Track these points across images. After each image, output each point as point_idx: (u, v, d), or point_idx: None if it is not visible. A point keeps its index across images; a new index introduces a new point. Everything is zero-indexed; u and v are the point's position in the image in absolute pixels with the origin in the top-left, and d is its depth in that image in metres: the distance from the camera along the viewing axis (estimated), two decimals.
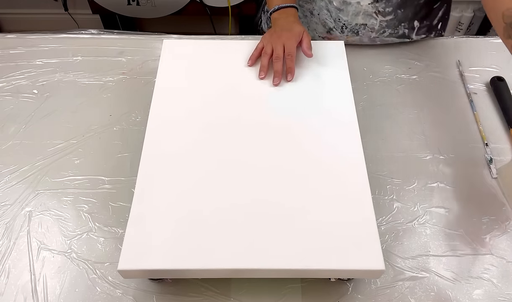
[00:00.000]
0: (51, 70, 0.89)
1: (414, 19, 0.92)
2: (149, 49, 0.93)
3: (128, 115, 0.81)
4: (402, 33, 0.92)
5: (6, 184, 0.72)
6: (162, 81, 0.74)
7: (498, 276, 0.63)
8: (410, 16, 0.89)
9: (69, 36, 0.96)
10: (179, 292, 0.61)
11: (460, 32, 2.16)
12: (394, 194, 0.72)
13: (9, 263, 0.63)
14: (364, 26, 0.90)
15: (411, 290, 0.62)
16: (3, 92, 0.85)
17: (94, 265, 0.63)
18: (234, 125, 0.68)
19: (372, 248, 0.55)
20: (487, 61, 0.92)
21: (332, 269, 0.55)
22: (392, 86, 0.88)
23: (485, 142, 0.78)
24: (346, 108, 0.71)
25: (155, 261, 0.54)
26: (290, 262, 0.54)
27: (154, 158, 0.64)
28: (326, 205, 0.59)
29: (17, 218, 0.68)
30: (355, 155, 0.65)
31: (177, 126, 0.68)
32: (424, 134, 0.80)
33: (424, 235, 0.67)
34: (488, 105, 0.85)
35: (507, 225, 0.69)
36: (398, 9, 0.89)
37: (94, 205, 0.69)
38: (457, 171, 0.75)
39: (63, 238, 0.66)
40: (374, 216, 0.58)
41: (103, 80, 0.87)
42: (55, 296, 0.61)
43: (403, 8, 0.89)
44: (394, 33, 0.92)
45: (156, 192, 0.60)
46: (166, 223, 0.57)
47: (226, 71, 0.76)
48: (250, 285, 0.62)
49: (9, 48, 0.93)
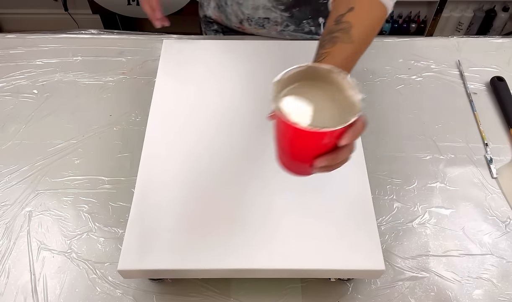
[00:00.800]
0: (51, 70, 0.89)
1: (318, 16, 0.90)
2: (149, 49, 0.93)
3: (128, 115, 0.81)
4: (309, 30, 0.93)
5: (6, 184, 0.72)
6: (162, 81, 0.74)
7: (498, 276, 0.63)
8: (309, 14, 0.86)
9: (69, 36, 0.96)
10: (179, 292, 0.61)
11: (460, 32, 2.16)
12: (394, 194, 0.72)
13: (9, 263, 0.63)
14: (268, 20, 0.90)
15: (411, 290, 0.62)
16: (3, 92, 0.85)
17: (94, 265, 0.63)
18: (234, 125, 0.68)
19: (372, 248, 0.55)
20: (487, 61, 0.92)
21: (332, 269, 0.55)
22: (392, 86, 0.88)
23: (485, 142, 0.78)
24: None
25: (155, 261, 0.54)
26: (290, 262, 0.54)
27: (154, 158, 0.64)
28: (326, 205, 0.59)
29: (17, 218, 0.68)
30: (355, 155, 0.64)
31: (177, 126, 0.68)
32: (424, 134, 0.80)
33: (424, 235, 0.67)
34: (488, 105, 0.85)
35: (507, 225, 0.69)
36: (292, 8, 0.88)
37: (94, 205, 0.69)
38: (457, 171, 0.75)
39: (63, 238, 0.66)
40: (374, 216, 0.58)
41: (103, 80, 0.87)
42: (55, 296, 0.61)
43: (297, 7, 0.88)
44: (299, 29, 0.92)
45: (156, 192, 0.60)
46: (166, 223, 0.57)
47: (226, 71, 0.76)
48: (250, 285, 0.62)
49: (9, 48, 0.93)
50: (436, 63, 0.92)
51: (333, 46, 0.57)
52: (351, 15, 0.60)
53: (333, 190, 0.61)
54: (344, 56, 0.56)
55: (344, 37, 0.58)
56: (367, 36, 0.61)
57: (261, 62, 0.78)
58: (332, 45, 0.57)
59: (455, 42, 0.97)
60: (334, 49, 0.57)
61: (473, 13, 2.09)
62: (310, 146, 0.46)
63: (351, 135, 0.45)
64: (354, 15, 0.60)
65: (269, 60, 0.78)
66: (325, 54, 0.56)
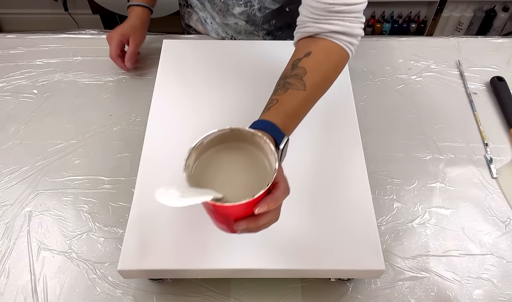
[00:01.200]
0: (51, 70, 0.89)
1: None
2: (149, 49, 0.93)
3: (128, 115, 0.81)
4: None
5: (6, 184, 0.72)
6: (162, 81, 0.74)
7: (498, 276, 0.63)
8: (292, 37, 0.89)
9: (69, 36, 0.96)
10: (179, 292, 0.61)
11: (460, 32, 2.16)
12: (394, 194, 0.72)
13: (9, 263, 0.63)
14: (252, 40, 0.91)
15: (411, 290, 0.62)
16: (3, 92, 0.85)
17: (94, 265, 0.63)
18: (234, 124, 0.68)
19: (372, 248, 0.55)
20: (487, 61, 0.92)
21: (332, 269, 0.55)
22: (392, 86, 0.88)
23: (485, 142, 0.78)
24: (346, 109, 0.71)
25: (155, 261, 0.54)
26: (290, 262, 0.54)
27: (154, 158, 0.64)
28: (326, 205, 0.59)
29: (17, 218, 0.68)
30: (355, 155, 0.65)
31: (177, 126, 0.68)
32: (424, 134, 0.80)
33: (424, 235, 0.67)
34: (488, 105, 0.85)
35: (507, 225, 0.69)
36: (275, 31, 0.89)
37: (94, 205, 0.69)
38: (457, 171, 0.75)
39: (63, 238, 0.66)
40: (374, 216, 0.58)
41: (103, 80, 0.87)
42: (55, 296, 0.61)
43: (280, 31, 0.89)
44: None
45: None
46: (166, 223, 0.57)
47: (226, 71, 0.76)
48: (250, 285, 0.62)
49: (9, 48, 0.93)
50: (436, 63, 0.92)
51: (284, 92, 0.56)
52: (307, 60, 0.59)
53: (333, 190, 0.61)
54: (294, 104, 0.56)
55: (297, 84, 0.57)
56: (321, 83, 0.59)
57: (262, 62, 0.78)
58: (283, 92, 0.56)
59: (455, 42, 0.97)
60: (284, 97, 0.56)
61: (473, 13, 2.09)
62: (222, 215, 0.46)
63: (266, 204, 0.44)
64: (310, 61, 0.59)
65: (270, 60, 0.78)
66: (275, 100, 0.56)
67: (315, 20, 0.59)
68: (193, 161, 0.47)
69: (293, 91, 0.56)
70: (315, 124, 0.68)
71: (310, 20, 0.60)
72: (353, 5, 0.58)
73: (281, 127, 0.52)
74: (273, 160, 0.45)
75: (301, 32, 0.62)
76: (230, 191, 0.45)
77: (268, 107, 0.56)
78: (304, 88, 0.56)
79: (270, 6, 0.80)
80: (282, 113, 0.54)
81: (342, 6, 0.57)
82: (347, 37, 0.60)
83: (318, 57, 0.59)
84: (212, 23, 0.91)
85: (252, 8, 0.81)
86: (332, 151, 0.65)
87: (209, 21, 0.91)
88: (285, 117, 0.54)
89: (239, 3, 0.81)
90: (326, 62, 0.60)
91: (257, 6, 0.81)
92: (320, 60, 0.59)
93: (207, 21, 0.92)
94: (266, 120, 0.53)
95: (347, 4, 0.57)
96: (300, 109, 0.57)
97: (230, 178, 0.47)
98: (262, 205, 0.44)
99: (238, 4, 0.81)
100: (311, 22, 0.60)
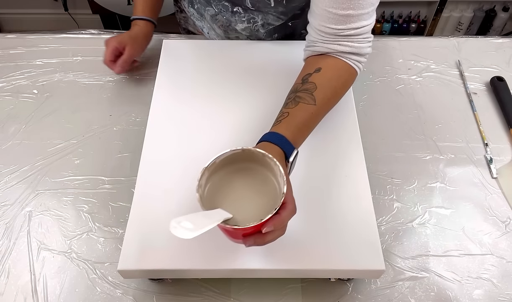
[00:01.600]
0: (51, 70, 0.89)
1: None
2: (149, 49, 0.93)
3: (128, 115, 0.81)
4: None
5: (6, 184, 0.72)
6: (162, 81, 0.74)
7: (498, 276, 0.63)
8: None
9: (69, 36, 0.96)
10: (179, 292, 0.61)
11: (460, 32, 2.16)
12: (394, 194, 0.72)
13: (9, 263, 0.63)
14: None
15: (411, 290, 0.62)
16: (3, 92, 0.85)
17: (94, 265, 0.63)
18: (235, 124, 0.68)
19: (372, 248, 0.55)
20: (487, 61, 0.92)
21: (332, 269, 0.55)
22: (392, 86, 0.88)
23: (485, 142, 0.78)
24: (346, 109, 0.71)
25: (155, 261, 0.54)
26: (290, 262, 0.54)
27: (154, 158, 0.64)
28: (326, 205, 0.59)
29: (17, 218, 0.68)
30: (355, 155, 0.65)
31: (177, 126, 0.68)
32: (424, 134, 0.80)
33: (424, 235, 0.67)
34: (488, 105, 0.85)
35: (507, 225, 0.69)
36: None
37: (94, 205, 0.69)
38: (457, 171, 0.75)
39: (63, 238, 0.66)
40: (374, 216, 0.58)
41: (103, 80, 0.87)
42: (55, 296, 0.61)
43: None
44: None
45: (156, 192, 0.60)
46: (166, 222, 0.57)
47: (226, 71, 0.76)
48: (250, 285, 0.62)
49: (9, 48, 0.93)
50: (436, 63, 0.92)
51: (295, 106, 0.58)
52: (317, 76, 0.60)
53: (333, 190, 0.61)
54: (304, 118, 0.57)
55: (307, 98, 0.58)
56: (330, 98, 0.61)
57: (262, 62, 0.78)
58: (294, 105, 0.58)
59: (455, 42, 0.97)
60: (295, 110, 0.58)
61: (473, 13, 2.09)
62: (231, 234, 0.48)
63: (273, 225, 0.46)
64: (320, 77, 0.60)
65: (270, 60, 0.78)
66: (286, 113, 0.58)
67: (324, 41, 0.61)
68: (205, 180, 0.49)
69: (303, 105, 0.58)
70: None
71: (319, 41, 0.62)
72: (361, 28, 0.60)
73: (291, 140, 0.54)
74: (282, 182, 0.47)
75: (310, 50, 0.64)
76: (241, 213, 0.47)
77: (279, 120, 0.57)
78: (314, 103, 0.58)
79: (273, 23, 0.80)
80: (292, 127, 0.56)
81: (352, 30, 0.59)
82: (356, 56, 0.62)
83: (328, 74, 0.61)
84: (210, 33, 0.90)
85: (255, 25, 0.81)
86: (332, 151, 0.65)
87: (206, 31, 0.91)
88: (296, 130, 0.56)
89: (242, 20, 0.80)
90: (335, 79, 0.62)
91: (260, 23, 0.80)
92: (330, 76, 0.61)
93: (204, 31, 0.91)
94: (277, 133, 0.54)
95: (356, 28, 0.59)
96: (309, 123, 0.59)
97: (241, 199, 0.50)
98: (269, 226, 0.46)
99: (241, 21, 0.81)
100: (320, 42, 0.62)
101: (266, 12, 0.77)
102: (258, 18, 0.79)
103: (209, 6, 0.80)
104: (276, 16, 0.78)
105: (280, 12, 0.77)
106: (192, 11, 0.88)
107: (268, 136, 0.54)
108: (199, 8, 0.84)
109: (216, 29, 0.87)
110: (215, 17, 0.83)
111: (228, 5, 0.78)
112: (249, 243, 0.48)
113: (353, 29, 0.59)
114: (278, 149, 0.53)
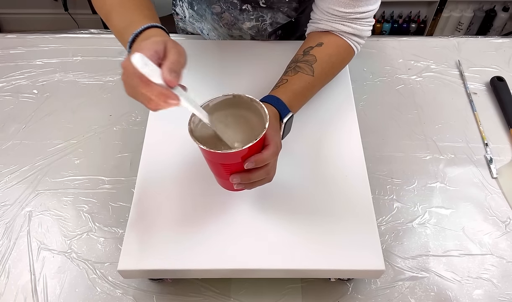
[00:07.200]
0: (51, 70, 0.89)
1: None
2: None
3: (128, 115, 0.81)
4: None
5: (6, 184, 0.72)
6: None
7: (498, 276, 0.63)
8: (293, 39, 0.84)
9: (69, 36, 0.96)
10: (179, 292, 0.61)
11: (460, 32, 2.16)
12: (394, 194, 0.72)
13: (9, 263, 0.63)
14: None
15: (411, 290, 0.62)
16: (3, 92, 0.85)
17: (94, 265, 0.63)
18: None
19: (372, 248, 0.55)
20: (487, 61, 0.92)
21: (332, 269, 0.55)
22: (392, 86, 0.88)
23: (485, 142, 0.78)
24: (346, 109, 0.71)
25: (155, 261, 0.54)
26: (290, 262, 0.54)
27: (154, 158, 0.64)
28: (326, 205, 0.59)
29: (17, 218, 0.68)
30: (355, 155, 0.65)
31: (177, 127, 0.68)
32: (424, 134, 0.80)
33: (424, 235, 0.67)
34: (488, 105, 0.85)
35: (507, 225, 0.69)
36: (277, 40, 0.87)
37: (94, 205, 0.69)
38: (457, 171, 0.75)
39: (63, 238, 0.66)
40: (374, 216, 0.58)
41: (103, 80, 0.87)
42: (55, 296, 0.61)
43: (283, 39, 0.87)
44: None
45: (156, 192, 0.60)
46: (166, 223, 0.57)
47: (227, 71, 0.76)
48: (250, 285, 0.62)
49: (9, 48, 0.93)
50: (436, 63, 0.92)
51: (294, 74, 0.63)
52: (318, 50, 0.65)
53: (333, 190, 0.61)
54: (301, 85, 0.62)
55: (306, 69, 0.63)
56: (327, 73, 0.66)
57: (262, 62, 0.78)
58: (293, 74, 0.63)
59: (455, 42, 0.97)
60: (293, 78, 0.62)
61: (473, 13, 2.09)
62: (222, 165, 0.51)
63: (254, 161, 0.49)
64: (321, 51, 0.65)
65: (270, 60, 0.78)
66: (284, 80, 0.62)
67: (329, 20, 0.65)
68: (198, 119, 0.52)
69: (302, 74, 0.62)
70: (315, 124, 0.68)
71: (324, 20, 0.66)
72: (367, 12, 0.64)
73: (287, 103, 0.58)
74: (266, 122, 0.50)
75: (314, 27, 0.68)
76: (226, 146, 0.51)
77: (277, 85, 0.62)
78: (312, 74, 0.63)
79: (281, 21, 0.80)
80: (289, 92, 0.60)
81: (358, 14, 0.63)
82: (356, 38, 0.66)
83: (329, 50, 0.65)
84: (209, 34, 0.90)
85: (263, 23, 0.81)
86: (332, 150, 0.65)
87: (206, 33, 0.90)
88: (292, 95, 0.60)
89: (250, 18, 0.80)
90: (335, 56, 0.66)
91: (269, 21, 0.80)
92: (330, 52, 0.65)
93: (204, 32, 0.91)
94: (273, 96, 0.59)
95: (363, 12, 0.63)
96: (306, 91, 0.63)
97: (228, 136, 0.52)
98: (249, 161, 0.49)
99: (249, 19, 0.80)
100: (325, 20, 0.66)
101: (277, 8, 0.78)
102: (267, 16, 0.80)
103: (215, 4, 0.80)
104: (286, 15, 0.79)
105: (293, 8, 0.78)
106: (192, 13, 0.88)
107: (266, 98, 0.59)
108: (199, 8, 0.84)
109: (219, 28, 0.87)
110: (221, 15, 0.83)
111: (237, 2, 0.78)
112: (235, 180, 0.51)
113: (360, 13, 0.63)
114: (274, 109, 0.57)
